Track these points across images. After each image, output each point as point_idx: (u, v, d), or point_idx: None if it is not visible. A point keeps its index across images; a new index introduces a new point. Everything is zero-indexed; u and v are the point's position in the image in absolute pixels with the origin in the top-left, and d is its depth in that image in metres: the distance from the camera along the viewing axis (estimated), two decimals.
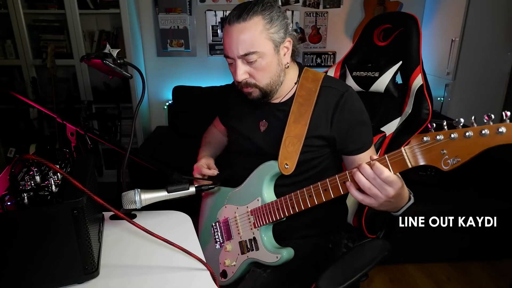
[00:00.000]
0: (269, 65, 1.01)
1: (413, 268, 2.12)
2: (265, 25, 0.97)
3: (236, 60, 1.00)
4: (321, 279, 0.95)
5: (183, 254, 0.79)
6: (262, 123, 1.14)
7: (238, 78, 1.01)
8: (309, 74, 1.12)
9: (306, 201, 0.95)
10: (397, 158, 0.77)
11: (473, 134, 0.66)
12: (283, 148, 1.04)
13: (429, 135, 0.72)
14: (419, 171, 2.20)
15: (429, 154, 0.72)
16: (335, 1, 3.01)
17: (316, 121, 1.05)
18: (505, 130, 0.62)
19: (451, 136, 0.68)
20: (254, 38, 0.96)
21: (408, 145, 0.75)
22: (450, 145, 0.69)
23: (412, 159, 0.75)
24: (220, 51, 3.09)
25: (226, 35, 0.99)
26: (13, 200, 0.67)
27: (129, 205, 0.87)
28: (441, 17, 2.82)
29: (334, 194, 0.90)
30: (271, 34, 0.98)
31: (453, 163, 0.69)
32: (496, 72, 2.46)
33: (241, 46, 0.97)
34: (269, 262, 1.05)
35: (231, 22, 0.97)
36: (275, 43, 1.00)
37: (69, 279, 0.72)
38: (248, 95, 1.07)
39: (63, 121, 1.14)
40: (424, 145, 0.73)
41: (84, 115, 2.83)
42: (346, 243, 1.25)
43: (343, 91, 1.05)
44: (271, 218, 1.03)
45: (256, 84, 1.03)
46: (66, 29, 2.74)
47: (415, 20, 1.22)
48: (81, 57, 1.04)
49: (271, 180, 1.08)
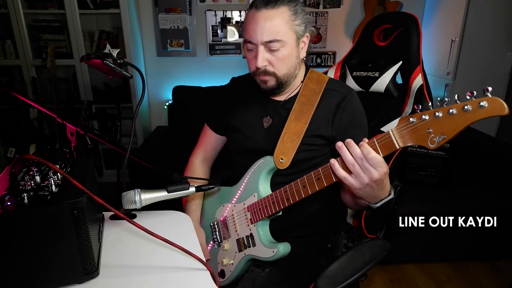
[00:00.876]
0: (289, 55, 1.02)
1: (413, 268, 2.12)
2: (291, 16, 1.00)
3: (258, 46, 1.00)
4: (320, 279, 0.95)
5: (183, 254, 0.79)
6: (266, 119, 1.14)
7: (259, 64, 1.01)
8: (314, 75, 1.14)
9: (300, 191, 0.96)
10: (385, 140, 0.79)
11: (457, 111, 0.68)
12: (281, 143, 1.06)
13: (415, 116, 0.74)
14: (419, 171, 2.21)
15: (415, 134, 0.75)
16: (335, 1, 3.01)
17: (318, 121, 1.07)
18: (486, 104, 0.64)
19: (436, 114, 0.71)
20: (280, 27, 0.98)
21: (396, 126, 0.77)
22: (436, 124, 0.71)
23: (400, 140, 0.77)
24: (220, 51, 3.10)
25: (252, 19, 1.00)
26: (13, 200, 0.67)
27: (129, 205, 0.87)
28: (441, 17, 2.82)
29: (327, 182, 0.91)
30: (295, 26, 1.01)
31: (439, 140, 0.72)
32: (496, 72, 2.46)
33: (267, 33, 0.97)
34: (265, 258, 1.05)
35: (259, 7, 0.98)
36: (298, 35, 1.02)
37: (69, 279, 0.72)
38: (262, 84, 1.07)
39: (63, 121, 1.14)
40: (410, 126, 0.75)
41: (84, 115, 2.83)
42: (345, 243, 1.25)
43: (346, 93, 1.08)
44: (267, 212, 1.04)
45: (275, 72, 1.04)
46: (66, 29, 2.74)
47: (415, 20, 1.23)
48: (81, 57, 1.04)
49: (268, 175, 1.10)
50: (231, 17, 3.01)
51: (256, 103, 1.16)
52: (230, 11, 2.99)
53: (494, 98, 0.64)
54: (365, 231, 1.22)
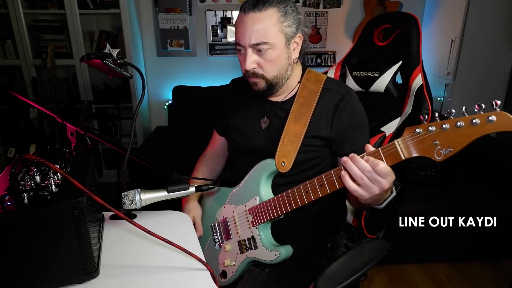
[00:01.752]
0: (278, 57, 1.01)
1: (413, 268, 2.12)
2: (279, 18, 0.98)
3: (246, 48, 1.00)
4: (320, 279, 0.95)
5: (183, 254, 0.79)
6: (264, 120, 1.14)
7: (247, 67, 1.01)
8: (311, 75, 1.12)
9: (302, 197, 0.96)
10: (391, 150, 0.78)
11: (464, 124, 0.67)
12: (281, 146, 1.05)
13: (421, 126, 0.73)
14: (419, 171, 2.21)
15: (421, 145, 0.73)
16: (335, 1, 3.01)
17: (317, 122, 1.06)
18: (495, 119, 0.63)
19: (443, 126, 0.69)
20: (268, 29, 0.97)
21: (401, 137, 0.76)
22: (442, 136, 0.70)
23: (405, 151, 0.76)
24: (220, 51, 3.10)
25: (240, 23, 0.99)
26: (13, 200, 0.67)
27: (129, 205, 0.87)
28: (441, 17, 2.82)
29: (330, 189, 0.90)
30: (284, 28, 0.99)
31: (446, 153, 0.70)
32: (496, 72, 2.45)
33: (254, 35, 0.97)
34: (268, 260, 1.05)
35: (246, 11, 0.97)
36: (287, 37, 1.01)
37: (69, 279, 0.72)
38: (253, 86, 1.07)
39: (63, 121, 1.14)
40: (416, 137, 0.74)
41: (84, 115, 2.83)
42: (345, 243, 1.25)
43: (344, 93, 1.07)
44: (269, 216, 1.04)
45: (264, 75, 1.03)
46: (66, 29, 2.74)
47: (415, 20, 1.23)
48: (81, 57, 1.04)
49: (269, 178, 1.09)
50: (231, 17, 3.01)
51: (254, 104, 1.16)
52: (230, 11, 3.00)
53: (503, 113, 0.63)
54: (365, 231, 1.22)
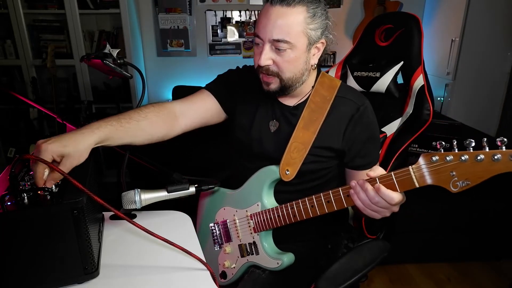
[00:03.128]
0: (296, 59, 0.95)
1: (413, 268, 2.12)
2: (306, 18, 0.92)
3: (265, 43, 0.93)
4: (321, 280, 0.95)
5: (183, 254, 0.79)
6: (273, 123, 1.08)
7: (261, 62, 0.94)
8: (325, 80, 1.06)
9: (308, 211, 0.94)
10: (404, 176, 0.75)
11: (485, 158, 0.64)
12: (288, 153, 1.01)
13: (438, 155, 0.69)
14: None
15: (437, 175, 0.70)
16: (335, 1, 3.01)
17: (327, 132, 1.01)
18: None
19: (462, 158, 0.66)
20: (292, 27, 0.90)
21: (416, 164, 0.73)
22: (460, 167, 0.67)
23: (420, 179, 0.73)
24: (220, 51, 3.10)
25: (264, 14, 0.92)
26: (13, 200, 0.67)
27: (129, 205, 0.87)
28: (441, 17, 2.82)
29: (337, 206, 0.88)
30: (309, 30, 0.93)
31: (463, 185, 0.67)
32: (496, 72, 2.46)
33: (276, 31, 0.90)
34: (269, 267, 1.05)
35: (274, 3, 0.90)
36: (310, 40, 0.94)
37: (69, 279, 0.72)
38: (265, 85, 1.01)
39: (63, 121, 1.14)
40: (433, 165, 0.70)
41: (84, 115, 2.83)
42: (346, 244, 1.25)
43: (360, 104, 1.01)
44: (272, 225, 1.02)
45: (279, 73, 0.97)
46: (66, 29, 2.73)
47: (416, 20, 1.22)
48: (81, 57, 1.04)
49: (271, 185, 1.07)
50: (231, 17, 3.02)
51: (265, 103, 1.10)
52: (230, 11, 3.00)
53: None
54: (365, 231, 1.22)
